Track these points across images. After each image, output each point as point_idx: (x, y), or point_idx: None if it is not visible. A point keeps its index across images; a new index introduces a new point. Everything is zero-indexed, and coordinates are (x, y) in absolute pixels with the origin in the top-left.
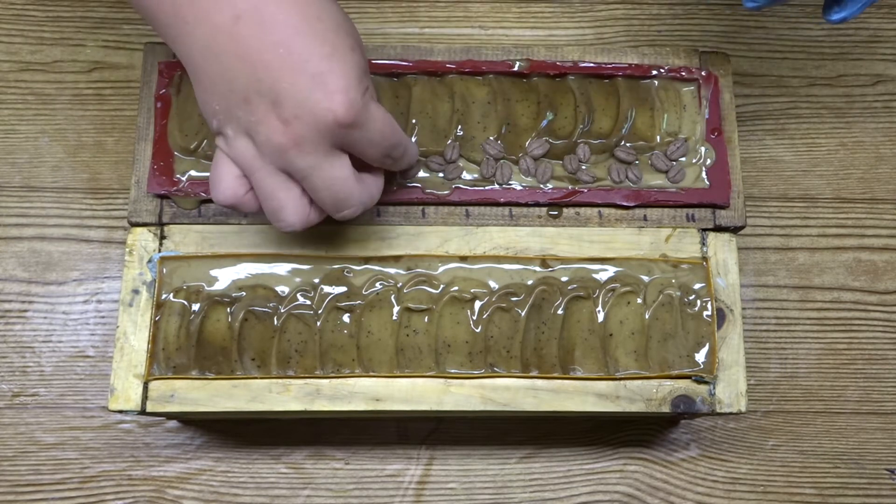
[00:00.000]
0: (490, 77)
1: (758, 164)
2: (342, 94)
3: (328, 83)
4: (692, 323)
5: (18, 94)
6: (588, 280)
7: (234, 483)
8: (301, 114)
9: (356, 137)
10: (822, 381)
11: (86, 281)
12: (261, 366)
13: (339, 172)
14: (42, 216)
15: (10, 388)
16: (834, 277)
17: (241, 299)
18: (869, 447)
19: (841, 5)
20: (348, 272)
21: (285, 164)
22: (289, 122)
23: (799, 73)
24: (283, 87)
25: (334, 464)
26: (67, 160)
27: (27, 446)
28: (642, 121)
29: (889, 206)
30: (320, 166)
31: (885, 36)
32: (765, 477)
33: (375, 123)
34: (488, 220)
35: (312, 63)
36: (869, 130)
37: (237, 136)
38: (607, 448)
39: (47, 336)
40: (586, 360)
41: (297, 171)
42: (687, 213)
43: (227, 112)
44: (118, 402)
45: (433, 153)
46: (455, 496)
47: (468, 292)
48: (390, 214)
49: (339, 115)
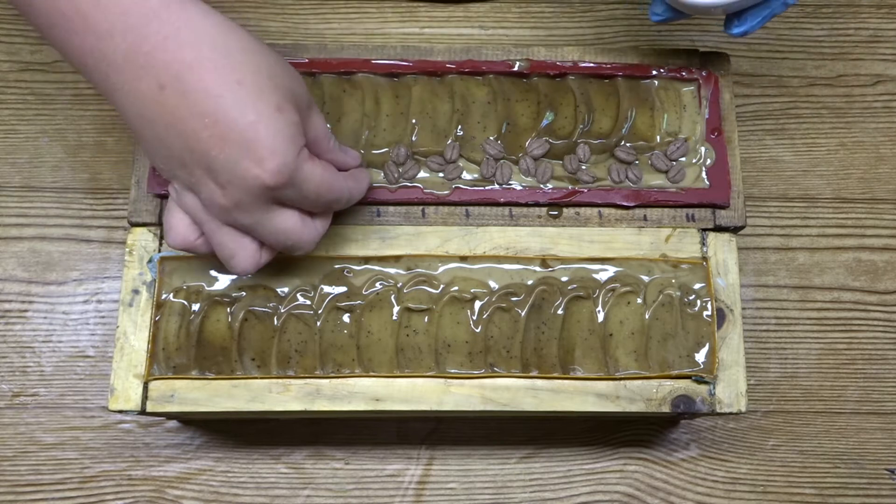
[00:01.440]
0: (490, 77)
1: (758, 164)
2: (269, 161)
3: (255, 150)
4: (692, 323)
5: (18, 94)
6: (588, 280)
7: (234, 483)
8: (234, 179)
9: (291, 196)
10: (822, 381)
11: (86, 281)
12: (261, 366)
13: (283, 224)
14: (42, 216)
15: (10, 388)
16: (834, 277)
17: (241, 299)
18: (869, 447)
19: (741, 20)
20: (348, 272)
21: (230, 220)
22: (224, 187)
23: (799, 73)
24: (212, 157)
25: (334, 464)
26: (67, 160)
27: (27, 446)
28: (642, 121)
29: (889, 206)
30: (263, 221)
31: (885, 36)
32: (765, 477)
33: (310, 184)
34: (488, 220)
35: (237, 132)
36: (869, 130)
37: (183, 191)
38: (607, 448)
39: (47, 336)
40: (586, 360)
41: (243, 226)
42: (687, 213)
43: (170, 171)
44: (118, 402)
45: (433, 153)
46: (455, 496)
47: (468, 292)
48: (390, 214)
49: (267, 181)
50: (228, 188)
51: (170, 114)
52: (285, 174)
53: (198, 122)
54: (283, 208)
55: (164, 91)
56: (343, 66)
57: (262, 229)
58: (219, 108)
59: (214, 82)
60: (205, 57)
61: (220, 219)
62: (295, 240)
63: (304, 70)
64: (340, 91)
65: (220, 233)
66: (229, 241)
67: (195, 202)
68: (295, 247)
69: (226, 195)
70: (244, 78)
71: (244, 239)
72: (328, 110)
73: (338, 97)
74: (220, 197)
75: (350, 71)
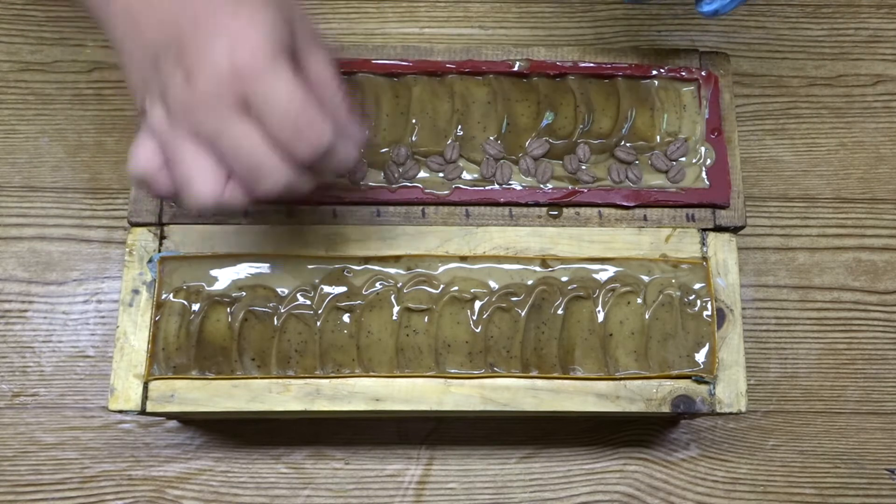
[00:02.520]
0: (490, 77)
1: (758, 164)
2: (242, 42)
3: (230, 32)
4: (692, 323)
5: (18, 94)
6: (588, 280)
7: (234, 483)
8: (203, 64)
9: (258, 96)
10: (822, 381)
11: (86, 281)
12: (261, 366)
13: (247, 134)
14: (42, 216)
15: (10, 388)
16: (834, 277)
17: (241, 299)
18: (869, 447)
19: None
20: (348, 272)
21: (194, 125)
22: (191, 75)
23: (799, 73)
24: (186, 40)
25: (334, 464)
26: (67, 160)
27: (27, 446)
28: (642, 121)
29: (889, 206)
30: (227, 126)
31: (885, 36)
32: (765, 477)
33: (280, 90)
34: (488, 220)
35: (217, 14)
36: (869, 130)
37: (153, 105)
38: (607, 448)
39: (47, 336)
40: (586, 360)
41: (207, 133)
42: (687, 213)
43: (144, 81)
44: (118, 402)
45: (433, 153)
46: (455, 496)
47: (468, 292)
48: (390, 214)
49: (236, 61)
50: (195, 75)
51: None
52: (256, 60)
53: (178, 6)
54: (249, 119)
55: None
56: (343, 66)
57: (224, 139)
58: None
59: None
60: None
61: (185, 127)
62: (258, 160)
63: None
64: None
65: (182, 147)
66: (189, 158)
67: (162, 115)
68: (258, 171)
69: (191, 86)
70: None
71: (207, 158)
72: None
73: None
74: (184, 90)
75: (350, 71)
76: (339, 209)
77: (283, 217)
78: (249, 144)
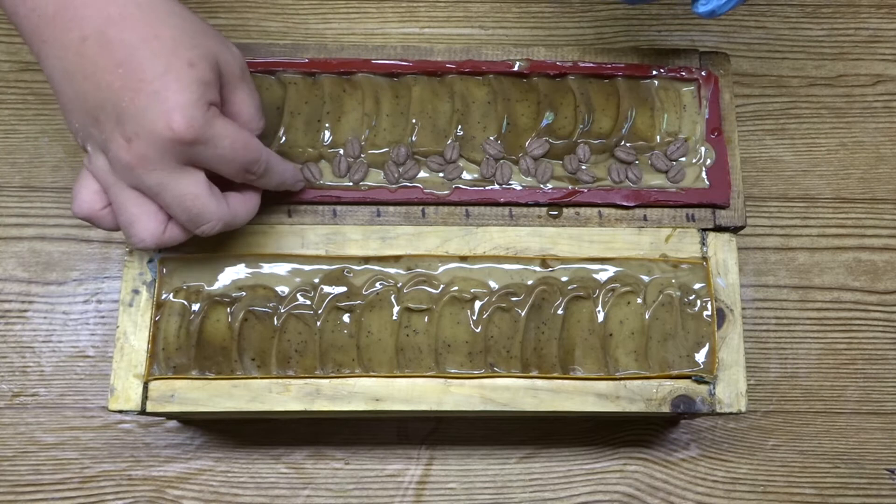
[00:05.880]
0: (490, 77)
1: (758, 164)
2: (178, 112)
3: (164, 100)
4: (692, 323)
5: (19, 94)
6: (588, 280)
7: (234, 483)
8: (140, 131)
9: (203, 155)
10: (822, 381)
11: (86, 281)
12: (261, 366)
13: (188, 189)
14: (42, 216)
15: (10, 388)
16: (834, 277)
17: (241, 299)
18: (869, 447)
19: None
20: (348, 272)
21: (135, 181)
22: (131, 140)
23: (799, 73)
24: (123, 106)
25: (334, 464)
26: (67, 160)
27: (27, 446)
28: (642, 121)
29: (889, 206)
30: (168, 183)
31: (885, 36)
32: (765, 477)
33: (222, 140)
34: (488, 220)
35: (147, 81)
36: (869, 130)
37: (95, 153)
38: (607, 448)
39: (47, 336)
40: (586, 360)
41: (148, 188)
42: (687, 213)
43: (84, 130)
44: (118, 402)
45: (433, 153)
46: (455, 496)
47: (468, 292)
48: (390, 214)
49: (175, 131)
50: (135, 141)
51: (90, 64)
52: (194, 128)
53: (113, 73)
54: (192, 171)
55: (86, 42)
56: (343, 66)
57: (167, 193)
58: (133, 59)
59: (133, 35)
60: (129, 13)
61: (126, 180)
62: (199, 209)
63: (303, 70)
64: (340, 91)
65: (124, 195)
66: (132, 205)
67: (104, 164)
68: (199, 218)
69: (131, 150)
70: (162, 33)
71: (150, 205)
72: (328, 110)
73: (338, 97)
74: (126, 152)
75: (350, 71)
76: (339, 209)
77: (283, 217)
78: (193, 195)
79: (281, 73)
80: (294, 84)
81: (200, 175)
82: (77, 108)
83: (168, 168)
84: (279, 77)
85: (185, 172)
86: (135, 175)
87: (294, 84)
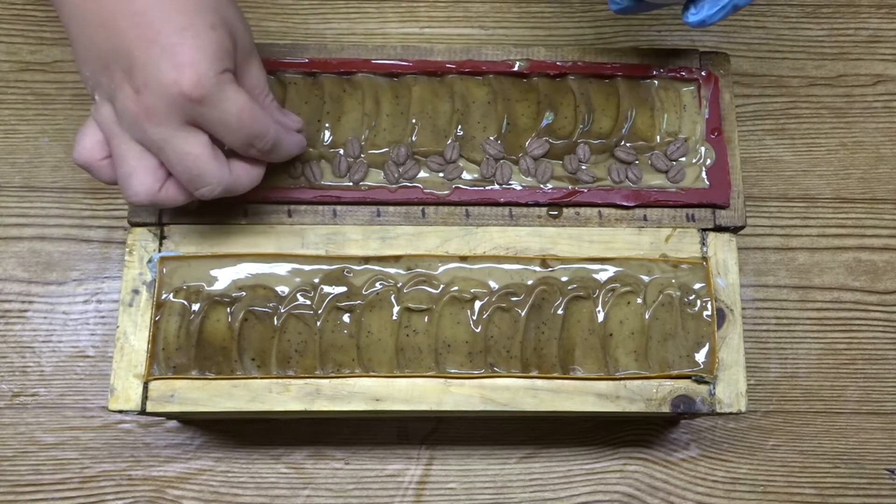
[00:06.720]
0: (490, 77)
1: (758, 164)
2: (190, 68)
3: (177, 55)
4: (692, 323)
5: (18, 94)
6: (588, 280)
7: (234, 483)
8: (150, 83)
9: (208, 117)
10: (822, 381)
11: (86, 281)
12: (261, 366)
13: (191, 148)
14: (42, 216)
15: (10, 388)
16: (834, 277)
17: (241, 299)
18: (869, 447)
19: (697, 7)
20: (348, 272)
21: (139, 134)
22: (140, 91)
23: (799, 73)
24: (135, 56)
25: (334, 464)
26: (67, 160)
27: (27, 446)
28: (642, 121)
29: (889, 206)
30: (172, 139)
31: (885, 36)
32: (765, 477)
33: (230, 106)
34: (488, 220)
35: (164, 34)
36: (869, 130)
37: (102, 102)
38: (607, 448)
39: (47, 336)
40: (586, 360)
41: (152, 142)
42: (687, 213)
43: (94, 78)
44: (118, 402)
45: (433, 153)
46: (455, 496)
47: (468, 292)
48: (390, 214)
49: (184, 87)
50: (144, 92)
51: (105, 12)
52: (204, 86)
53: (129, 21)
54: (196, 131)
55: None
56: (343, 66)
57: (169, 150)
58: (153, 10)
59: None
60: None
61: (131, 132)
62: (200, 170)
63: (303, 70)
64: (340, 91)
65: (126, 147)
66: (132, 157)
67: (110, 113)
68: (199, 179)
69: (139, 101)
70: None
71: (151, 160)
72: (328, 110)
73: (338, 97)
74: (134, 103)
75: (350, 71)
76: (339, 209)
77: (283, 217)
78: (195, 154)
79: (281, 73)
80: (294, 84)
81: (204, 137)
82: (90, 56)
83: (174, 124)
84: (279, 77)
85: (190, 132)
86: (140, 127)
87: (294, 84)
